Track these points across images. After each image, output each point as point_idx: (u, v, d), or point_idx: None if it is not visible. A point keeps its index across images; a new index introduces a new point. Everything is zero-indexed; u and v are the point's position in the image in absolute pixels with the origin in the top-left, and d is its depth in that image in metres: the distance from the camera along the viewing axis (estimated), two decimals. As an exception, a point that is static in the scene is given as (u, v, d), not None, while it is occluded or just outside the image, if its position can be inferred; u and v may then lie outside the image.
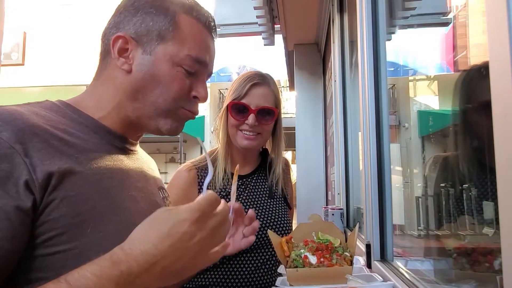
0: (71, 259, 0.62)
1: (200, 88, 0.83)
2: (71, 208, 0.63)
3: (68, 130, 0.71)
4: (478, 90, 0.97)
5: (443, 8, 1.90)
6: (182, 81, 0.79)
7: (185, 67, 0.79)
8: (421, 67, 4.32)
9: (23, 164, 0.60)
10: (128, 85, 0.79)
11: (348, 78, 2.42)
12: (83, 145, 0.72)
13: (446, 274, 1.03)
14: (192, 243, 0.58)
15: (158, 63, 0.78)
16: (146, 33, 0.78)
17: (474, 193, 0.98)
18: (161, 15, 0.79)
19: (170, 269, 0.58)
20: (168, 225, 0.58)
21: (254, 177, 1.42)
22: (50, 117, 0.71)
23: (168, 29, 0.78)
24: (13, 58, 10.83)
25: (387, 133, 1.25)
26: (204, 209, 0.60)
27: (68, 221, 0.63)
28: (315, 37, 3.67)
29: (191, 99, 0.83)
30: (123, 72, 0.78)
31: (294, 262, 0.99)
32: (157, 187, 0.91)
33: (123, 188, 0.76)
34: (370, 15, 1.30)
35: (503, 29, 0.43)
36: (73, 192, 0.64)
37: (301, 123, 3.79)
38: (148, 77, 0.78)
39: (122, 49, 0.78)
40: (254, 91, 1.34)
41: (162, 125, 0.81)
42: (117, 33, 0.78)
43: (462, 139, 1.12)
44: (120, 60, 0.78)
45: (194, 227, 0.59)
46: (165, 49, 0.78)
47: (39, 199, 0.61)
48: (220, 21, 3.68)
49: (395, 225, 1.24)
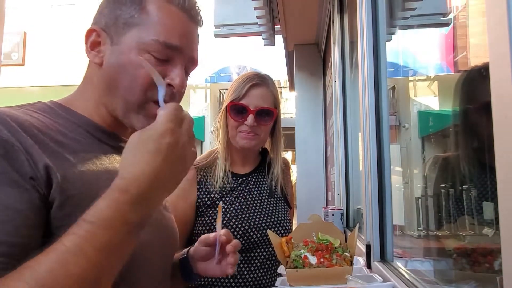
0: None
1: (173, 74, 0.75)
2: (74, 208, 0.63)
3: (61, 131, 0.71)
4: (478, 91, 0.97)
5: (443, 8, 1.91)
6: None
7: (154, 53, 0.73)
8: (421, 67, 4.33)
9: (27, 162, 0.60)
10: (101, 80, 0.76)
11: (348, 78, 2.42)
12: (77, 146, 0.71)
13: (446, 274, 1.03)
14: (178, 150, 0.62)
15: (125, 53, 0.73)
16: (113, 23, 0.75)
17: (474, 194, 0.98)
18: (128, 2, 0.75)
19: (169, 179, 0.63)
20: (152, 142, 0.60)
21: (254, 176, 1.42)
22: (43, 119, 0.70)
23: (134, 16, 0.73)
24: (13, 58, 10.85)
25: (387, 133, 1.25)
26: (175, 116, 0.62)
27: (73, 221, 0.62)
28: (315, 38, 3.67)
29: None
30: (96, 66, 0.76)
31: (294, 262, 0.99)
32: None
33: None
34: (370, 15, 1.30)
35: (503, 29, 0.43)
36: (75, 191, 0.64)
37: (301, 123, 3.79)
38: (116, 68, 0.74)
39: (94, 42, 0.76)
40: (253, 91, 1.35)
41: (135, 122, 0.76)
42: (90, 27, 0.76)
43: (462, 139, 1.12)
44: (91, 54, 0.76)
45: (175, 135, 0.61)
46: (131, 37, 0.73)
47: (45, 194, 0.61)
48: (220, 21, 3.68)
49: (395, 225, 1.24)
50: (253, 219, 1.32)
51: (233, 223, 1.29)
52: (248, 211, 1.33)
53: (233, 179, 1.37)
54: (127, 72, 0.73)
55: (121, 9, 0.75)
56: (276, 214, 1.38)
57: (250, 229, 1.30)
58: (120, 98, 0.75)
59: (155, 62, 0.73)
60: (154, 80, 0.69)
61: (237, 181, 1.38)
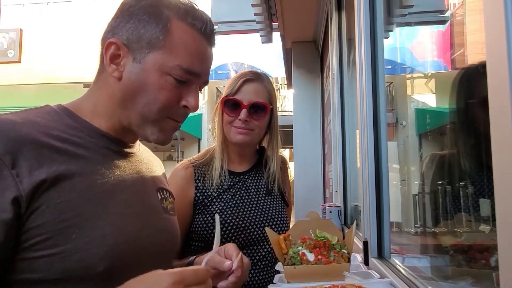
0: (57, 261, 0.65)
1: (190, 98, 0.80)
2: (56, 214, 0.65)
3: (61, 136, 0.72)
4: (475, 88, 0.97)
5: (440, 6, 1.91)
6: (170, 91, 0.77)
7: (175, 76, 0.77)
8: (419, 65, 4.33)
9: (10, 177, 0.62)
10: (118, 93, 0.78)
11: (346, 76, 2.42)
12: (75, 151, 0.72)
13: (443, 271, 1.04)
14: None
15: (147, 72, 0.76)
16: (137, 41, 0.76)
17: (471, 191, 0.98)
18: (153, 22, 0.76)
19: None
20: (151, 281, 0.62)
21: (251, 174, 1.43)
22: (45, 122, 0.72)
23: (159, 37, 0.76)
24: (9, 56, 10.79)
25: (384, 131, 1.25)
26: (186, 276, 0.63)
27: (52, 227, 0.65)
28: (313, 35, 3.67)
29: (180, 108, 0.80)
30: (114, 79, 0.78)
31: (292, 259, 0.99)
32: (155, 188, 0.90)
33: (116, 192, 0.76)
34: (368, 13, 1.30)
35: (500, 27, 0.43)
36: (59, 200, 0.66)
37: (298, 121, 3.79)
38: (136, 86, 0.77)
39: (114, 55, 0.77)
40: (247, 87, 1.35)
41: (149, 134, 0.80)
42: (110, 39, 0.77)
43: (459, 136, 1.12)
44: (111, 67, 0.77)
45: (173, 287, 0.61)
46: (155, 58, 0.76)
47: (24, 209, 0.63)
48: (218, 18, 3.67)
49: (392, 222, 1.24)
50: (250, 217, 1.32)
51: (230, 220, 1.29)
52: (246, 209, 1.33)
53: (230, 177, 1.37)
54: (148, 91, 0.76)
55: (145, 27, 0.76)
56: (273, 211, 1.38)
57: (247, 227, 1.30)
58: (138, 113, 0.78)
59: (175, 84, 0.77)
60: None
61: (234, 179, 1.38)
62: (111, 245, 0.70)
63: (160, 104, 0.77)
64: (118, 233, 0.71)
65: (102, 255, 0.68)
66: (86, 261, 0.67)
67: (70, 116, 0.77)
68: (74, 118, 0.77)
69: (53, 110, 0.77)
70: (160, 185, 0.93)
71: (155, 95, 0.76)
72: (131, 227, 0.76)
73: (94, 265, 0.67)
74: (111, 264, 0.69)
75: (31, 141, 0.67)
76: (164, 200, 0.91)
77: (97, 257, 0.68)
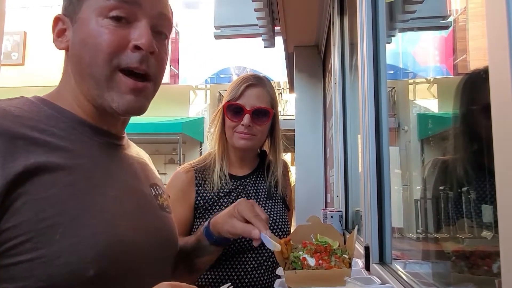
0: (39, 267, 0.57)
1: (136, 34, 0.68)
2: (35, 212, 0.57)
3: (39, 127, 0.64)
4: (478, 94, 0.97)
5: (443, 11, 1.91)
6: (111, 33, 0.67)
7: (112, 14, 0.67)
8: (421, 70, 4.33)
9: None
10: (70, 65, 0.72)
11: (348, 80, 2.42)
12: (57, 143, 0.64)
13: (445, 277, 1.03)
14: None
15: (83, 27, 0.69)
16: (69, 2, 0.72)
17: (473, 196, 0.98)
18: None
19: None
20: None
21: (253, 178, 1.42)
22: (20, 112, 0.64)
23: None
24: (13, 58, 10.86)
25: (386, 135, 1.25)
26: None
27: (31, 227, 0.57)
28: (315, 39, 3.68)
29: (129, 52, 0.69)
30: (66, 54, 0.73)
31: (293, 264, 0.99)
32: (149, 184, 0.83)
33: (105, 187, 0.68)
34: (370, 17, 1.30)
35: (502, 32, 0.43)
36: (37, 196, 0.58)
37: (300, 125, 3.79)
38: (79, 46, 0.69)
39: (60, 31, 0.73)
40: (249, 92, 1.35)
41: (109, 102, 0.70)
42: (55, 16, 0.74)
43: (462, 142, 1.12)
44: (57, 41, 0.73)
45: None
46: (86, 8, 0.69)
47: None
48: (221, 22, 3.68)
49: (393, 227, 1.24)
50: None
51: (231, 224, 1.28)
52: (247, 212, 1.33)
53: (231, 181, 1.37)
54: (88, 46, 0.68)
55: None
56: (274, 216, 1.38)
57: (249, 231, 1.30)
58: (89, 77, 0.69)
59: (116, 26, 0.68)
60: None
61: (235, 183, 1.38)
62: (102, 245, 0.62)
63: (103, 53, 0.67)
64: (110, 232, 0.64)
65: (92, 257, 0.60)
66: (73, 265, 0.58)
67: (50, 107, 0.70)
68: (54, 108, 0.70)
69: (28, 100, 0.69)
70: (153, 180, 0.86)
71: (95, 45, 0.67)
72: (125, 226, 0.68)
73: (83, 269, 0.59)
74: (103, 267, 0.61)
75: (2, 132, 0.59)
76: (159, 196, 0.84)
77: (86, 260, 0.60)
